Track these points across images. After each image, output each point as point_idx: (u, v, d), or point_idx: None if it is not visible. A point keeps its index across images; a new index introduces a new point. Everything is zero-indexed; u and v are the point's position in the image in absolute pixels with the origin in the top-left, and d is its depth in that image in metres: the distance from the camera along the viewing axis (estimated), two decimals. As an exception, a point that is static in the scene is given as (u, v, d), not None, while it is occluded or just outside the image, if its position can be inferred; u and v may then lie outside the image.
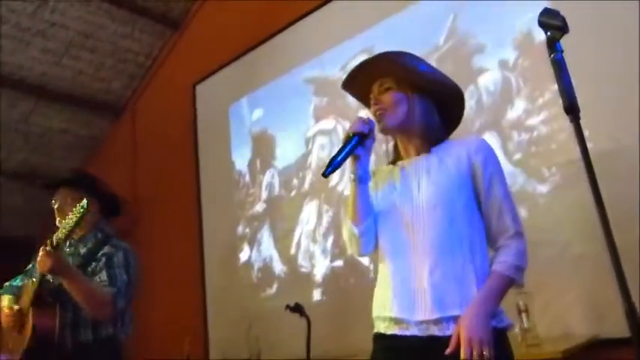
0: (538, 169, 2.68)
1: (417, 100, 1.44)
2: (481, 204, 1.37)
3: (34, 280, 2.06)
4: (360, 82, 1.52)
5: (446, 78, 1.49)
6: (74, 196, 2.19)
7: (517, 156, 2.77)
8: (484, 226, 1.37)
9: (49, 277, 2.08)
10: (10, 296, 2.19)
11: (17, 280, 2.29)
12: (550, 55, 0.92)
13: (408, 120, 1.43)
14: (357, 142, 1.37)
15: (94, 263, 2.13)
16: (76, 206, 1.93)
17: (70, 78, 5.17)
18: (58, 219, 2.22)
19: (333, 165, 1.34)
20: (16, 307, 2.10)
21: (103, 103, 5.53)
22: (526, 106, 2.78)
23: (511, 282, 1.32)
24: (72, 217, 1.92)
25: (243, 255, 4.15)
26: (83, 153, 5.83)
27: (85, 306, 2.01)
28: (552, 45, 0.91)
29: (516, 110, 2.82)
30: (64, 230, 1.94)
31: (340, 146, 1.38)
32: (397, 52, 1.48)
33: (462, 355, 1.20)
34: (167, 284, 4.68)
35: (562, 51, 0.93)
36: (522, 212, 2.67)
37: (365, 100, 1.56)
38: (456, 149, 1.42)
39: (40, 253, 1.96)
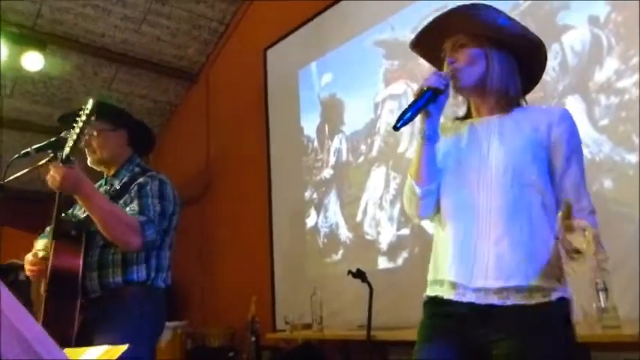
0: (628, 135, 2.44)
1: (496, 56, 1.31)
2: (555, 176, 1.26)
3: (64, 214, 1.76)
4: (431, 41, 1.39)
5: (527, 31, 1.35)
6: (99, 127, 1.91)
7: (603, 122, 2.53)
8: (555, 199, 1.25)
9: (74, 210, 1.90)
10: (45, 240, 1.88)
11: None
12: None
13: (485, 78, 1.31)
14: (430, 98, 1.25)
15: (126, 195, 1.88)
16: (101, 140, 1.75)
17: (149, 45, 5.34)
18: (88, 157, 1.98)
19: (403, 119, 1.23)
20: (40, 253, 1.81)
21: (179, 69, 5.70)
22: (618, 66, 2.52)
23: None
24: (78, 122, 1.70)
25: (310, 220, 4.17)
26: (161, 118, 6.06)
27: (108, 232, 1.72)
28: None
29: (606, 71, 2.56)
30: (70, 139, 1.72)
31: (412, 99, 1.26)
32: (471, 5, 1.34)
33: (590, 252, 1.05)
34: (236, 245, 4.83)
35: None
36: (607, 183, 2.46)
37: (436, 61, 1.43)
38: (536, 115, 1.29)
39: (49, 169, 1.71)
